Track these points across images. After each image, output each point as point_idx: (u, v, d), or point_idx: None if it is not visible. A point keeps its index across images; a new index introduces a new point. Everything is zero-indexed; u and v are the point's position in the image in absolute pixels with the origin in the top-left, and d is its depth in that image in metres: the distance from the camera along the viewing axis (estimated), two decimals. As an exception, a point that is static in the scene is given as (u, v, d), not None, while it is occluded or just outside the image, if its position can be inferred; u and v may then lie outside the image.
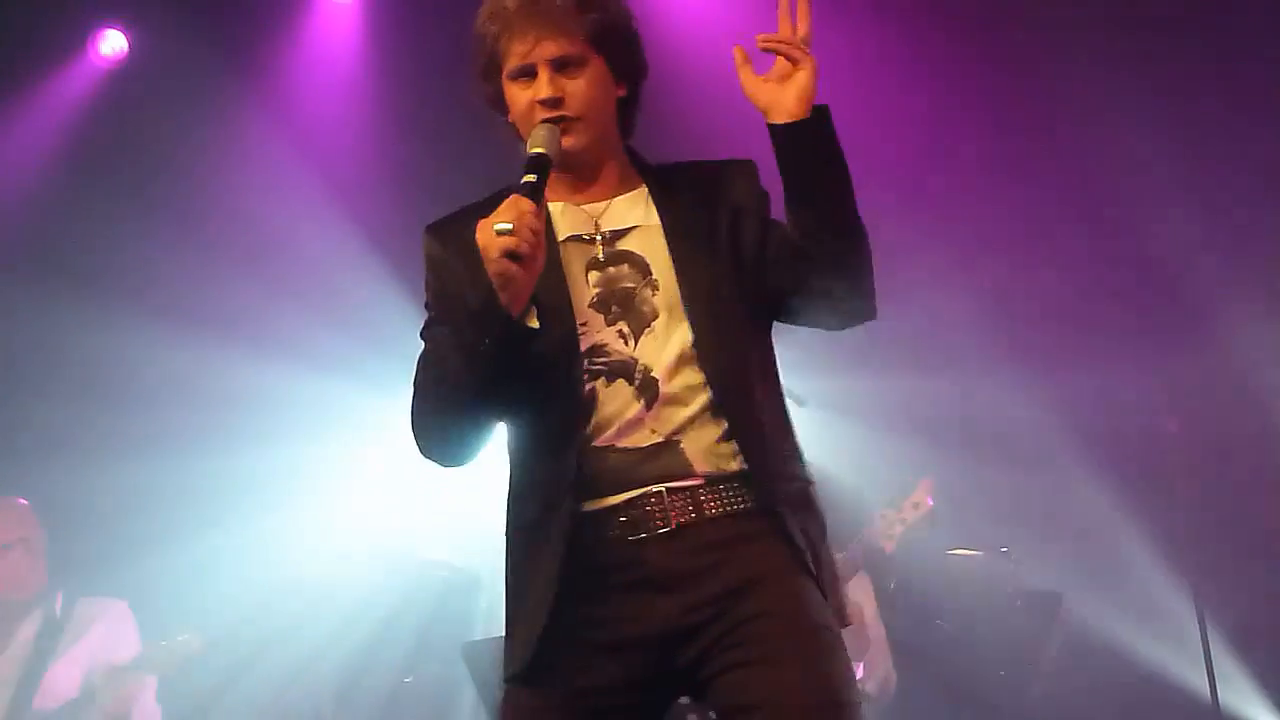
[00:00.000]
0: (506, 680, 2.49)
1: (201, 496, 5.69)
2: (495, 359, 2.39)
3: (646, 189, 2.63)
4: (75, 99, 6.28)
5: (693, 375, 2.48)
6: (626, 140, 2.68)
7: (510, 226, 2.30)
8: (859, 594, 4.68)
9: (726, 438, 2.47)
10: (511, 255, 2.30)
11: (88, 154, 6.20)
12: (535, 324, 2.39)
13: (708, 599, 2.41)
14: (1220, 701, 4.91)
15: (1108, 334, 5.56)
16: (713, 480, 2.46)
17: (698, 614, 2.41)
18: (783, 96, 2.46)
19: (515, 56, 2.54)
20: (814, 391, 5.52)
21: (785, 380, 2.63)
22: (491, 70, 2.59)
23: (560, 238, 2.54)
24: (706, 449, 2.46)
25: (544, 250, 2.37)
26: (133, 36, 6.31)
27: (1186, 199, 5.36)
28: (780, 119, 2.46)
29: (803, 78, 2.46)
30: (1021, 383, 5.46)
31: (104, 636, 4.88)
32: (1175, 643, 5.23)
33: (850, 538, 4.73)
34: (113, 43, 6.31)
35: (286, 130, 6.17)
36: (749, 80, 2.49)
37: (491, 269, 2.32)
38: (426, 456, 2.54)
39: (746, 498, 2.47)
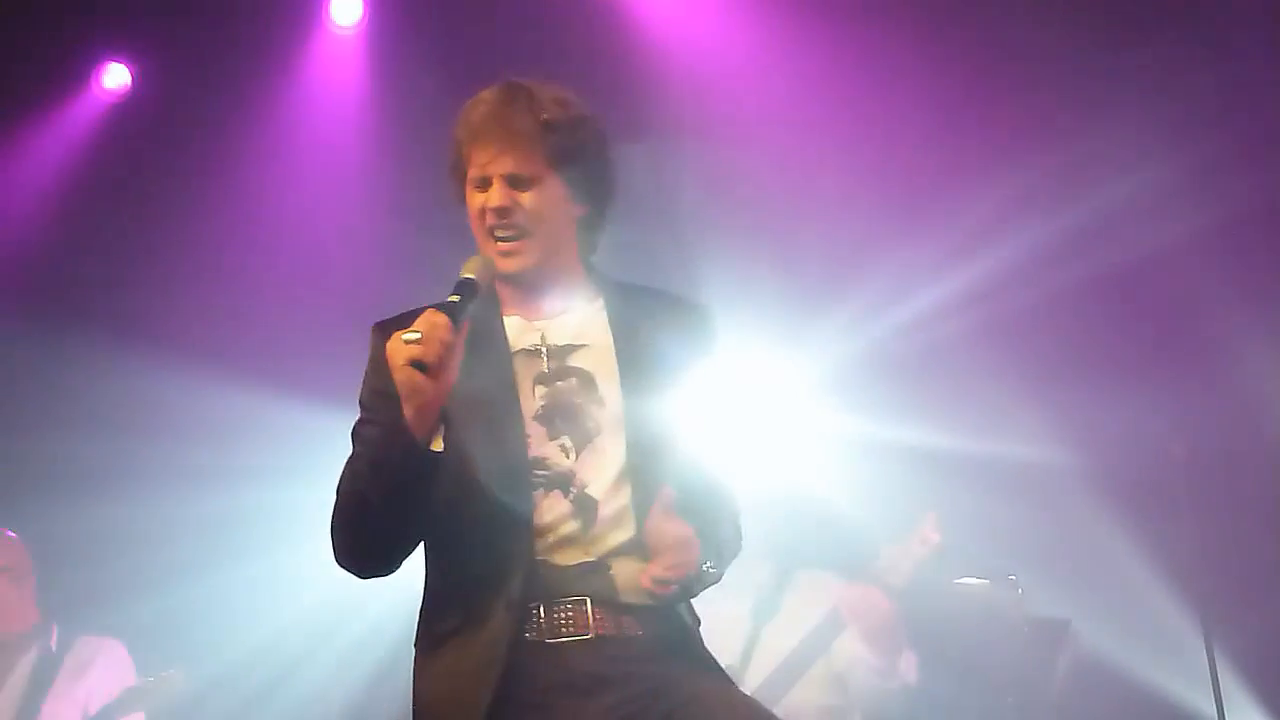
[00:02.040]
0: None
1: (205, 533, 5.68)
2: (398, 476, 2.43)
3: (604, 305, 2.67)
4: (79, 132, 6.30)
5: (626, 498, 2.53)
6: (586, 251, 2.73)
7: (419, 335, 2.35)
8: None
9: (643, 570, 2.50)
10: (417, 364, 2.34)
11: (91, 187, 6.22)
12: (439, 448, 2.43)
13: (633, 695, 2.45)
14: (1228, 727, 4.89)
15: (1113, 359, 5.56)
16: (633, 604, 2.51)
17: (623, 709, 2.44)
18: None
19: (476, 166, 2.61)
20: (819, 417, 5.55)
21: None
22: (458, 173, 2.66)
23: (512, 350, 2.60)
24: (633, 579, 2.50)
25: (454, 367, 2.41)
26: (136, 70, 6.34)
27: (1192, 220, 5.36)
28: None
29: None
30: (1027, 409, 5.45)
31: (103, 678, 4.87)
32: (1183, 669, 5.20)
33: (857, 571, 4.71)
34: (116, 76, 6.33)
35: (290, 161, 6.19)
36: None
37: (397, 377, 2.37)
38: (338, 563, 2.57)
39: (665, 626, 2.54)
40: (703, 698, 2.45)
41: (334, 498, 2.54)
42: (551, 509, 2.51)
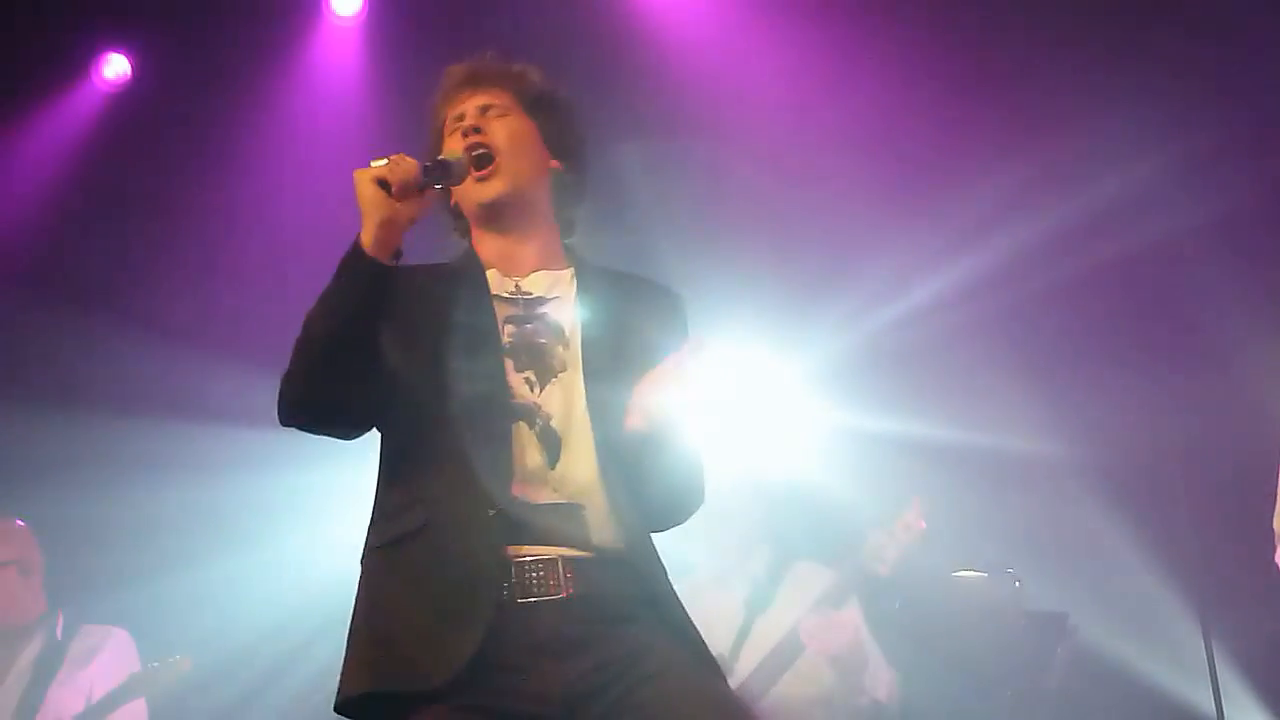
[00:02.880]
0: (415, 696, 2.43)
1: (207, 521, 5.68)
2: (352, 293, 2.48)
3: (575, 274, 2.75)
4: (79, 123, 6.29)
5: (589, 437, 2.56)
6: (563, 225, 2.82)
7: (385, 161, 2.48)
8: (851, 614, 4.66)
9: (611, 515, 2.54)
10: (382, 183, 2.45)
11: (92, 177, 6.21)
12: (392, 264, 2.49)
13: (604, 662, 2.45)
14: (1226, 721, 4.90)
15: (1112, 353, 5.56)
16: (603, 557, 2.51)
17: (596, 676, 2.44)
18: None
19: (454, 108, 2.78)
20: (816, 411, 5.56)
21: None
22: (436, 143, 2.81)
23: (493, 293, 2.67)
24: (600, 522, 2.52)
25: (414, 204, 2.50)
26: (135, 60, 6.33)
27: (1191, 214, 5.36)
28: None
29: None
30: (1027, 403, 5.45)
31: (108, 665, 4.86)
32: (1181, 662, 5.21)
33: (844, 557, 4.72)
34: (116, 66, 6.32)
35: (290, 150, 6.18)
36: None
37: (361, 193, 2.47)
38: (286, 418, 2.59)
39: (638, 584, 2.53)
40: (669, 675, 2.45)
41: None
42: (518, 439, 2.53)
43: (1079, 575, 5.32)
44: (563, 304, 2.69)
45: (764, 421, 5.38)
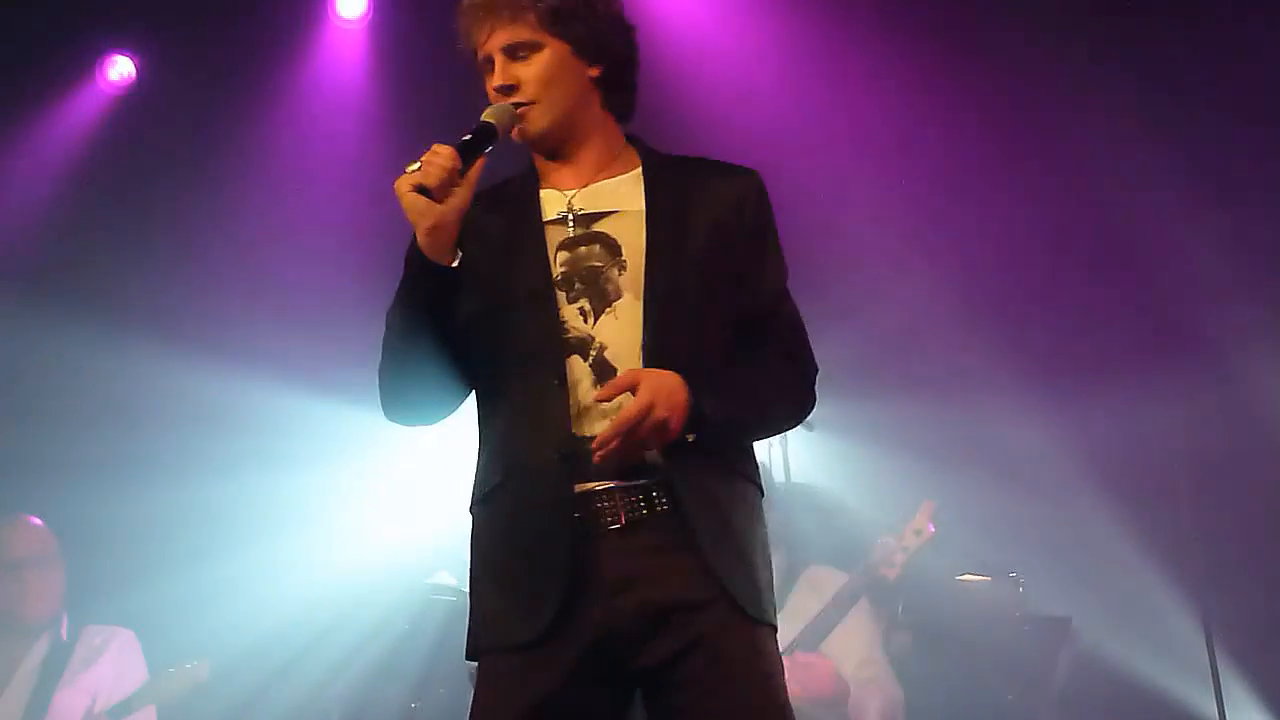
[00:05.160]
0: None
1: (210, 522, 5.68)
2: (417, 296, 2.47)
3: (642, 172, 2.65)
4: (83, 125, 6.30)
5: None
6: (620, 117, 2.73)
7: (418, 165, 2.40)
8: (861, 622, 4.64)
9: (673, 443, 2.44)
10: (420, 189, 2.39)
11: (96, 179, 6.21)
12: (454, 264, 2.45)
13: (662, 605, 2.42)
14: (1229, 724, 4.90)
15: (1114, 354, 5.56)
16: (667, 483, 2.44)
17: (653, 621, 2.42)
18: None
19: (478, 48, 2.64)
20: (821, 415, 5.55)
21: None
22: (475, 64, 2.69)
23: (545, 220, 2.59)
24: (661, 452, 2.44)
25: (460, 194, 2.43)
26: (140, 63, 6.33)
27: (1194, 217, 5.36)
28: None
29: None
30: (1029, 405, 5.45)
31: (113, 666, 4.86)
32: (1183, 665, 5.21)
33: (854, 562, 4.72)
34: (120, 69, 6.33)
35: (294, 154, 6.18)
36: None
37: (404, 205, 2.41)
38: (386, 414, 2.59)
39: (689, 501, 2.45)
40: (725, 663, 2.43)
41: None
42: (571, 373, 2.48)
43: (1082, 579, 5.32)
44: (625, 216, 2.59)
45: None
